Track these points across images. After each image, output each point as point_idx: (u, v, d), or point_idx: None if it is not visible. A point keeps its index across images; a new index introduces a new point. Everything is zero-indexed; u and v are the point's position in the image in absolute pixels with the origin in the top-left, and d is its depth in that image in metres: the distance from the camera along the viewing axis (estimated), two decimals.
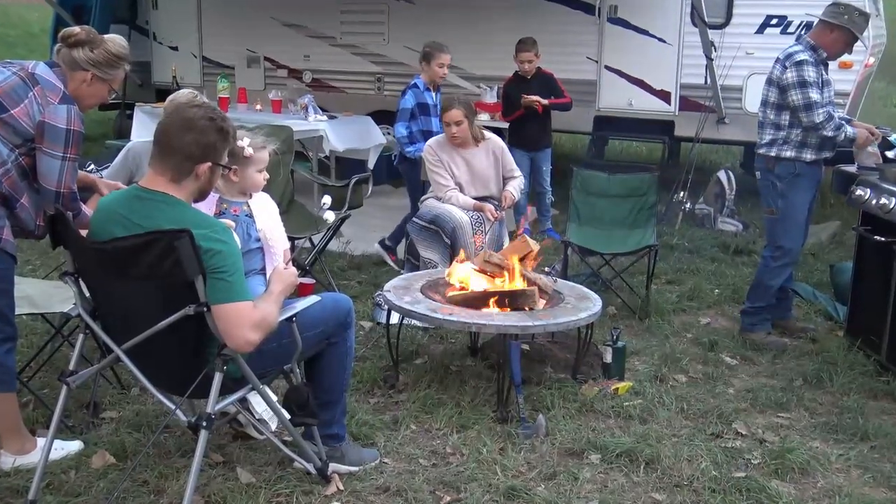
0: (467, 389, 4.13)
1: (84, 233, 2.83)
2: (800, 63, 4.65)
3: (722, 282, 6.25)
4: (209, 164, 2.73)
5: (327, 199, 4.57)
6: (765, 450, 3.67)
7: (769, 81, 4.82)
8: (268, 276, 3.14)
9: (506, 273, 4.22)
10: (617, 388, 4.18)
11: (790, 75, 4.66)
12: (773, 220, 4.94)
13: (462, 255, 4.52)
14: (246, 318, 2.63)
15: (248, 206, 3.27)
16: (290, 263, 3.19)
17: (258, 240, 3.19)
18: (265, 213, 3.29)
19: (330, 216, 4.26)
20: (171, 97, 3.98)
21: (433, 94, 6.31)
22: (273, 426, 3.17)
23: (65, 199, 3.10)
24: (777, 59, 4.80)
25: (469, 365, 4.50)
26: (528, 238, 4.43)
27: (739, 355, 4.85)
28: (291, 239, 5.26)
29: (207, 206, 3.24)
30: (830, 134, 4.66)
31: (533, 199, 7.42)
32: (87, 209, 3.26)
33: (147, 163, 2.76)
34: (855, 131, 4.73)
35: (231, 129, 2.80)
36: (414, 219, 5.37)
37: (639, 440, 3.66)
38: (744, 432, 3.85)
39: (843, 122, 4.74)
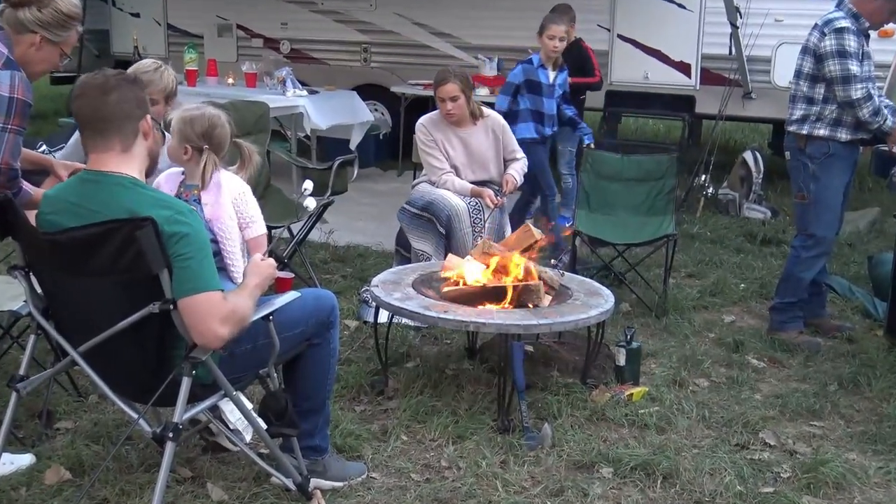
0: (464, 396, 4.14)
1: (31, 215, 2.81)
2: (840, 30, 4.65)
3: (748, 275, 6.26)
4: (147, 115, 2.76)
5: (308, 185, 4.56)
6: (795, 462, 3.68)
7: (804, 49, 4.81)
8: (233, 274, 3.13)
9: (507, 266, 4.22)
10: (631, 394, 4.19)
11: (829, 43, 4.66)
12: (804, 206, 4.95)
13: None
14: (214, 310, 2.63)
15: (198, 190, 3.23)
16: (267, 255, 3.19)
17: (210, 231, 3.15)
18: (215, 199, 3.22)
19: (311, 203, 4.26)
20: (132, 68, 3.97)
21: (549, 73, 6.26)
22: (248, 437, 3.17)
23: (2, 177, 3.08)
24: (815, 26, 4.79)
25: (466, 368, 4.50)
26: (532, 227, 4.43)
27: (767, 357, 4.87)
28: (268, 228, 5.26)
29: (169, 189, 3.24)
30: (867, 117, 4.65)
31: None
32: (36, 189, 3.24)
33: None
34: (893, 123, 4.70)
35: (139, 77, 2.82)
36: (404, 205, 5.36)
37: (655, 452, 3.67)
38: (772, 443, 3.86)
39: (887, 109, 4.70)
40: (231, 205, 3.21)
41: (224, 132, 3.26)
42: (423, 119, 5.49)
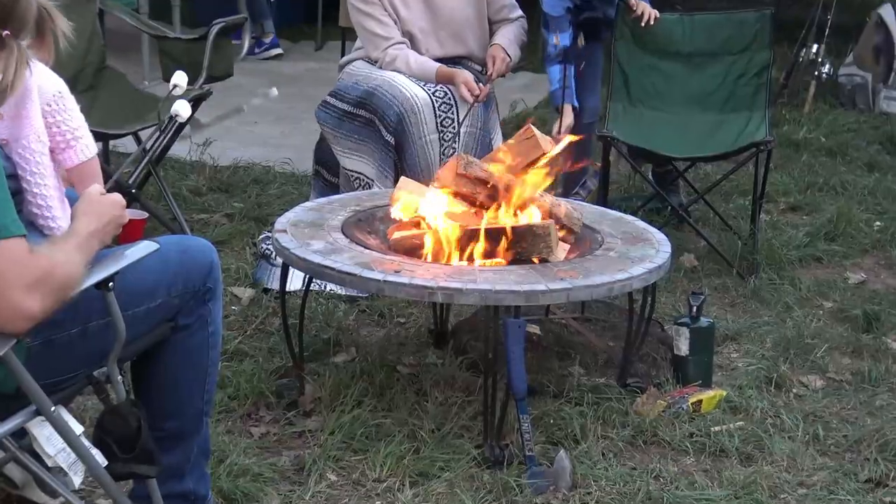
0: (429, 408, 4.15)
1: None
2: None
3: (888, 207, 6.31)
4: None
5: (180, 79, 4.49)
6: None
7: None
8: (49, 225, 3.10)
9: (498, 195, 4.21)
10: (699, 402, 4.22)
11: None
12: None
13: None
14: (15, 269, 2.61)
15: None
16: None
17: (6, 159, 3.12)
18: (15, 110, 3.17)
19: (183, 110, 4.18)
20: None
21: None
22: (77, 481, 3.17)
23: None
24: None
25: (432, 364, 4.52)
26: (536, 132, 4.41)
27: None
28: (104, 137, 5.21)
29: None
30: None
31: None
32: None
33: None
34: None
35: None
36: (328, 98, 5.33)
37: (738, 493, 3.71)
38: None
39: None
40: (40, 117, 3.18)
41: (28, 4, 3.20)
42: None
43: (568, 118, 5.61)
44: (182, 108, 3.88)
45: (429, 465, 3.81)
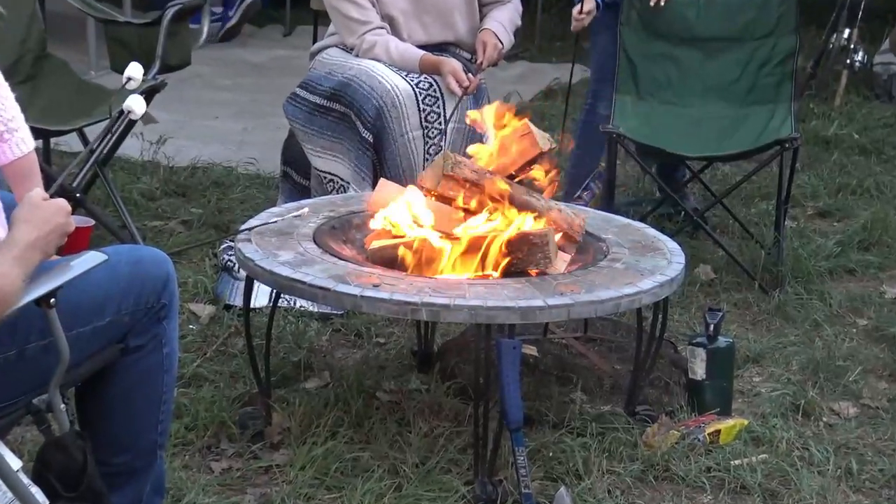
0: (412, 440, 4.15)
1: None
2: None
3: None
4: None
5: (135, 72, 4.48)
6: None
7: None
8: None
9: (489, 199, 4.21)
10: (717, 432, 4.22)
11: None
12: None
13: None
14: None
15: None
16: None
17: None
18: None
19: (137, 106, 4.14)
20: None
21: None
22: None
23: None
24: None
25: (416, 390, 4.52)
26: (533, 128, 4.41)
27: None
28: (44, 135, 5.21)
29: None
30: None
31: None
32: None
33: None
34: None
35: None
36: (298, 91, 5.34)
37: None
38: None
39: None
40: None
41: None
42: None
43: (589, 3, 5.64)
44: (136, 104, 3.84)
45: (413, 503, 3.81)
